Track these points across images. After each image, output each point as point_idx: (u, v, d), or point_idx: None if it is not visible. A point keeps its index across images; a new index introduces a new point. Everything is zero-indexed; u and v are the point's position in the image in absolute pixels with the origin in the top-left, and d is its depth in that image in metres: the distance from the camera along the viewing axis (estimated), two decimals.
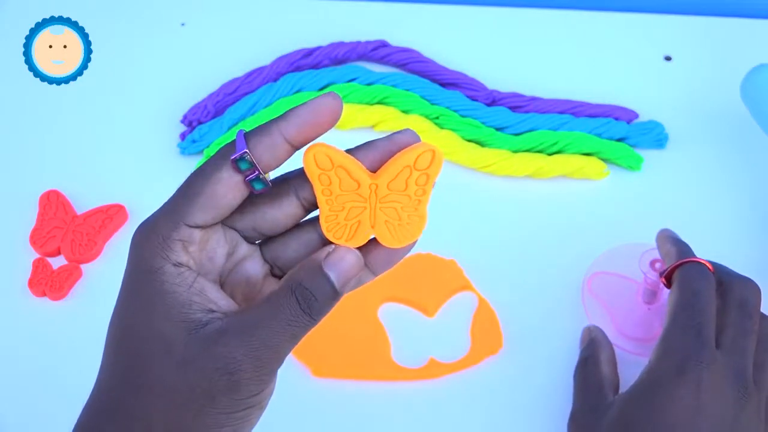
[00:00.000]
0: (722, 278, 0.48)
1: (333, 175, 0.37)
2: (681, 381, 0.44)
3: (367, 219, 0.38)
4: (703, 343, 0.45)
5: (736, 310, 0.47)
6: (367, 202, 0.38)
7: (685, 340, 0.45)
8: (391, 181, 0.37)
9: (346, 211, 0.38)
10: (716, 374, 0.44)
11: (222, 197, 0.37)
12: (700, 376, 0.43)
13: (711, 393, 0.43)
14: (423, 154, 0.37)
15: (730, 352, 0.45)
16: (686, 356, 0.44)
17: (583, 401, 0.49)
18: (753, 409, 0.44)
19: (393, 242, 0.38)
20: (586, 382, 0.50)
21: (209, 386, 0.36)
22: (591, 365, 0.50)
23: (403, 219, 0.38)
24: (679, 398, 0.43)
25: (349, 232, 0.38)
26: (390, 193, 0.37)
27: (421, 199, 0.38)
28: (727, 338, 0.46)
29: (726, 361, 0.45)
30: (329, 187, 0.37)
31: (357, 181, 0.37)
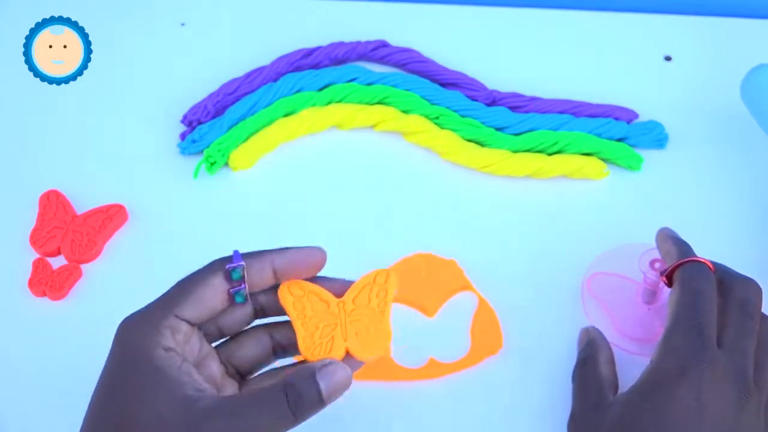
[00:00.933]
0: (723, 278, 0.48)
1: (305, 301, 0.44)
2: (682, 381, 0.44)
3: (339, 334, 0.44)
4: (705, 343, 0.45)
5: (737, 310, 0.47)
6: (337, 318, 0.44)
7: (687, 340, 0.45)
8: (355, 297, 0.45)
9: (320, 330, 0.44)
10: (717, 374, 0.44)
11: (209, 300, 0.43)
12: (701, 376, 0.43)
13: (712, 393, 0.43)
14: (379, 273, 0.45)
15: (731, 352, 0.45)
16: (687, 356, 0.44)
17: (583, 402, 0.49)
18: (753, 410, 0.44)
19: (364, 353, 0.44)
20: (586, 382, 0.50)
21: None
22: (590, 366, 0.50)
23: (371, 330, 0.44)
24: (680, 398, 0.43)
25: (325, 349, 0.43)
26: (356, 308, 0.44)
27: (383, 311, 0.44)
28: (728, 338, 0.46)
29: (727, 361, 0.44)
30: (303, 312, 0.44)
31: (326, 301, 0.44)
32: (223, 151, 0.62)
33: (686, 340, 0.45)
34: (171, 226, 0.60)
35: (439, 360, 0.53)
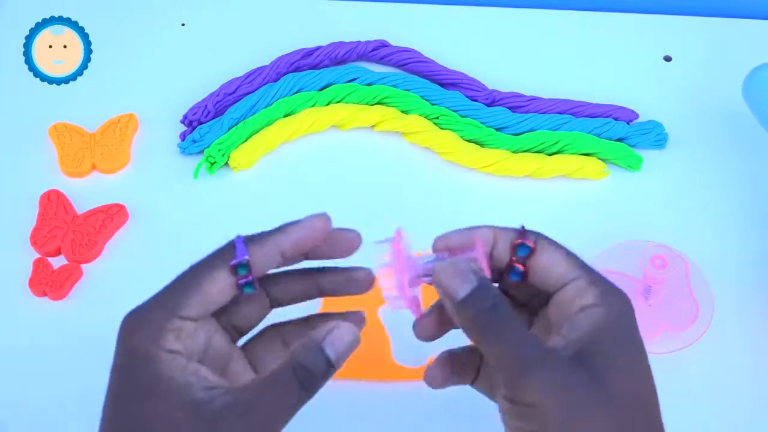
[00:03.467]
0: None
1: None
2: (631, 312, 0.41)
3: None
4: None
5: None
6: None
7: (596, 272, 0.42)
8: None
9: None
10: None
11: (215, 295, 0.41)
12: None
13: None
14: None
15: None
16: (615, 287, 0.41)
17: (516, 356, 0.38)
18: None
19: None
20: (511, 331, 0.39)
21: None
22: (504, 310, 0.39)
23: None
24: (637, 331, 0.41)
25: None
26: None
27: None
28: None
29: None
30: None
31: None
32: (224, 151, 0.62)
33: (598, 273, 0.42)
34: (171, 226, 0.61)
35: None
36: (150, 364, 0.39)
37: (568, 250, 0.43)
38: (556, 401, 0.37)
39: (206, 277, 0.41)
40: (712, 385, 0.53)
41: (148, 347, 0.39)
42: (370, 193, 0.62)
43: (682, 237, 0.58)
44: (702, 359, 0.53)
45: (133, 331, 0.40)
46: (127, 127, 0.65)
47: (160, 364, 0.39)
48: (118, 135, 0.64)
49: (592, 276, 0.41)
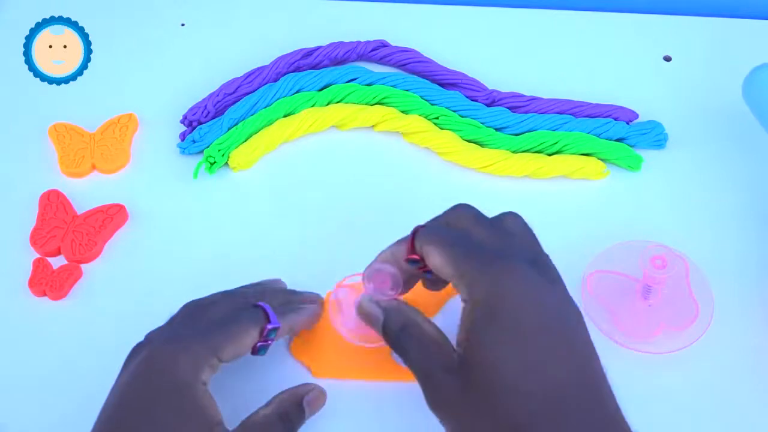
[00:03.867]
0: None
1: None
2: (501, 285, 0.43)
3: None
4: (483, 251, 0.45)
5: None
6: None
7: (473, 260, 0.45)
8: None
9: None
10: (514, 265, 0.44)
11: (244, 348, 0.48)
12: (510, 275, 0.44)
13: (524, 281, 0.44)
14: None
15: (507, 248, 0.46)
16: (484, 269, 0.44)
17: (430, 368, 0.45)
18: (568, 296, 0.46)
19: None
20: (422, 349, 0.46)
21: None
22: (414, 328, 0.46)
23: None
24: (511, 300, 0.43)
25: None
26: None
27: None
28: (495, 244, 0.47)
29: (508, 255, 0.45)
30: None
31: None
32: (223, 151, 0.62)
33: (473, 261, 0.44)
34: (171, 226, 0.60)
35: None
36: (187, 391, 0.45)
37: (445, 247, 0.46)
38: (446, 415, 0.44)
39: (245, 332, 0.48)
40: (712, 385, 0.53)
41: (188, 376, 0.45)
42: (370, 193, 0.62)
43: (682, 237, 0.58)
44: (702, 359, 0.53)
45: (176, 358, 0.45)
46: (126, 127, 0.65)
47: (196, 392, 0.45)
48: (118, 135, 0.64)
49: (460, 270, 0.45)
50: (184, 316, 0.50)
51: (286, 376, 0.52)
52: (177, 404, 0.44)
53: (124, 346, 0.49)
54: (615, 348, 0.53)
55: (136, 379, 0.46)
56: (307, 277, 0.56)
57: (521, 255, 0.45)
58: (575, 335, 0.44)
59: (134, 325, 0.51)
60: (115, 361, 0.48)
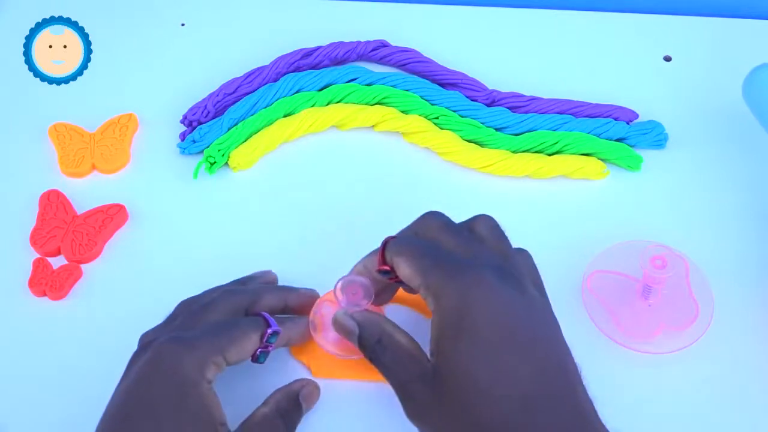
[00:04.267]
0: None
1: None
2: (471, 296, 0.44)
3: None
4: (454, 261, 0.46)
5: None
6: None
7: (442, 270, 0.45)
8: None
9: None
10: (484, 274, 0.45)
11: (245, 352, 0.49)
12: (478, 284, 0.44)
13: (491, 288, 0.44)
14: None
15: (477, 258, 0.46)
16: (454, 278, 0.45)
17: (402, 380, 0.46)
18: (535, 297, 0.46)
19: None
20: (394, 358, 0.47)
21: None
22: (387, 341, 0.47)
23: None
24: (481, 310, 0.44)
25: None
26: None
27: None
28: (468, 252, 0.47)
29: (481, 263, 0.46)
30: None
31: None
32: (223, 151, 0.62)
33: (440, 272, 0.45)
34: (171, 226, 0.60)
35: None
36: (192, 389, 0.45)
37: (414, 258, 0.47)
38: (423, 424, 0.45)
39: (246, 335, 0.49)
40: (712, 385, 0.53)
41: (194, 374, 0.46)
42: (370, 193, 0.62)
43: (682, 237, 0.58)
44: (702, 359, 0.53)
45: (182, 356, 0.46)
46: (126, 127, 0.65)
47: (201, 390, 0.45)
48: (118, 135, 0.64)
49: (427, 281, 0.46)
50: (184, 316, 0.50)
51: (286, 376, 0.52)
52: (182, 403, 0.45)
53: (124, 346, 0.49)
54: (615, 348, 0.53)
55: (142, 378, 0.46)
56: (306, 277, 0.56)
57: (489, 263, 0.46)
58: (544, 339, 0.45)
59: (134, 325, 0.51)
60: (115, 361, 0.48)
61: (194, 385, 0.45)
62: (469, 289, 0.44)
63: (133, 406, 0.45)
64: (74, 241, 0.59)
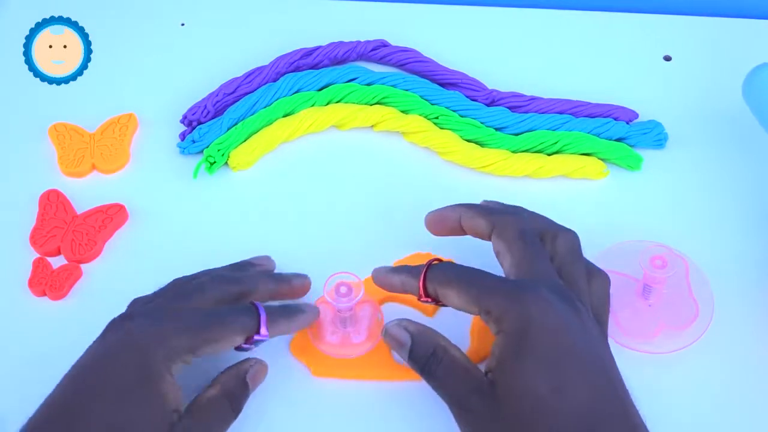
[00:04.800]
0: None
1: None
2: (531, 312, 0.45)
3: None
4: (511, 284, 0.47)
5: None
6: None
7: (494, 296, 0.46)
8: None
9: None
10: (548, 300, 0.45)
11: (222, 351, 0.49)
12: (542, 307, 0.45)
13: (555, 313, 0.45)
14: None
15: (535, 280, 0.47)
16: (516, 299, 0.45)
17: (459, 393, 0.46)
18: (587, 315, 0.47)
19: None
20: (451, 373, 0.47)
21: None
22: (442, 355, 0.48)
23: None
24: (540, 331, 0.44)
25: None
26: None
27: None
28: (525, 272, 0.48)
29: (545, 287, 0.46)
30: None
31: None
32: (223, 151, 0.62)
33: (496, 297, 0.46)
34: (171, 225, 0.61)
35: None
36: (154, 380, 0.45)
37: (462, 287, 0.47)
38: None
39: (228, 337, 0.48)
40: (712, 385, 0.53)
41: (160, 366, 0.46)
42: (370, 193, 0.62)
43: (682, 237, 0.58)
44: (702, 359, 0.53)
45: (152, 344, 0.46)
46: (126, 127, 0.65)
47: (162, 383, 0.46)
48: (117, 135, 0.64)
49: (485, 307, 0.46)
50: (172, 295, 0.51)
51: (285, 376, 0.53)
52: (138, 390, 0.45)
53: None
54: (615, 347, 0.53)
55: (108, 352, 0.47)
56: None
57: (546, 282, 0.47)
58: (599, 354, 0.46)
59: None
60: None
61: (158, 376, 0.46)
62: (529, 309, 0.45)
63: (90, 381, 0.46)
64: (74, 241, 0.59)
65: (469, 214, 0.52)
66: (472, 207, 0.53)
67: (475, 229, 0.52)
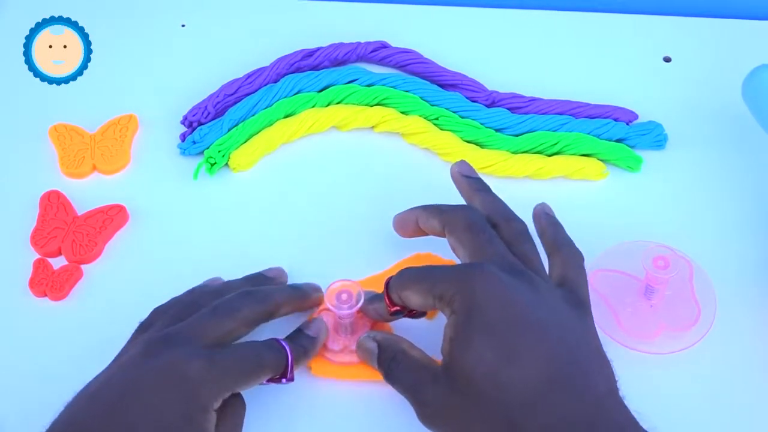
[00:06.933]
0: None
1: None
2: (476, 287, 0.45)
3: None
4: (460, 267, 0.48)
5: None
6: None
7: (444, 281, 0.47)
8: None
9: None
10: (494, 273, 0.46)
11: (251, 387, 0.48)
12: (487, 282, 0.46)
13: (501, 285, 0.46)
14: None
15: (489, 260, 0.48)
16: (462, 279, 0.46)
17: (418, 387, 0.47)
18: (547, 288, 0.48)
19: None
20: (409, 371, 0.48)
21: None
22: (401, 357, 0.49)
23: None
24: (489, 304, 0.45)
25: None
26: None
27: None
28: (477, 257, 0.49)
29: (491, 264, 0.47)
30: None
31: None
32: (224, 152, 0.62)
33: (445, 282, 0.47)
34: (172, 226, 0.61)
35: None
36: (201, 415, 0.45)
37: (417, 283, 0.48)
38: (438, 425, 0.46)
39: (260, 376, 0.49)
40: (712, 386, 0.53)
41: (207, 404, 0.46)
42: (370, 193, 0.62)
43: (682, 238, 0.58)
44: (703, 360, 0.53)
45: (202, 385, 0.46)
46: (127, 128, 0.65)
47: (208, 420, 0.46)
48: (118, 136, 0.64)
49: (438, 294, 0.47)
50: (207, 316, 0.49)
51: None
52: (185, 426, 0.45)
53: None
54: (618, 348, 0.53)
55: (150, 380, 0.46)
56: (307, 278, 0.56)
57: (496, 261, 0.48)
58: (559, 324, 0.46)
59: (134, 325, 0.51)
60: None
61: (203, 414, 0.45)
62: (475, 287, 0.46)
63: (129, 407, 0.45)
64: (75, 242, 0.59)
65: (424, 215, 0.53)
66: (427, 208, 0.54)
67: (431, 229, 0.53)
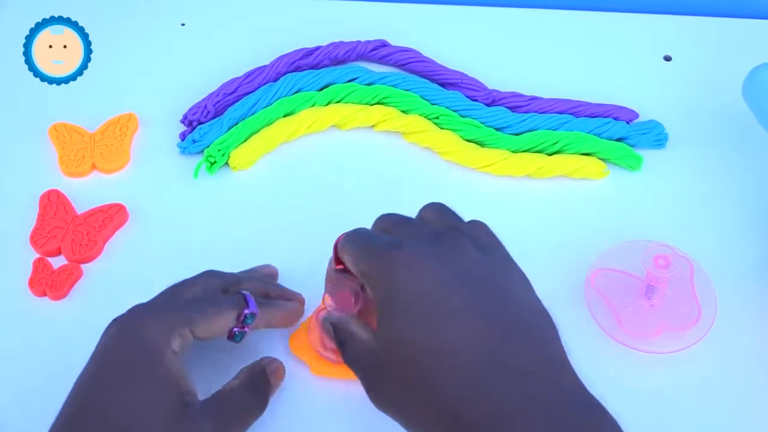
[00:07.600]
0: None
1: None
2: (394, 266, 0.44)
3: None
4: (377, 242, 0.46)
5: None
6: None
7: (371, 257, 0.45)
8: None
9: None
10: (413, 248, 0.44)
11: (218, 330, 0.49)
12: (401, 254, 0.44)
13: (426, 264, 0.44)
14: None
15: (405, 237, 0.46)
16: (380, 254, 0.45)
17: (354, 355, 0.47)
18: (471, 247, 0.45)
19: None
20: (350, 343, 0.48)
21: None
22: (350, 341, 0.48)
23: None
24: (404, 274, 0.44)
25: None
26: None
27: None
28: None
29: (408, 241, 0.45)
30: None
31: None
32: (224, 151, 0.62)
33: (372, 259, 0.45)
34: (171, 225, 0.61)
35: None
36: (156, 356, 0.45)
37: (353, 249, 0.47)
38: (387, 409, 0.46)
39: (221, 313, 0.49)
40: (713, 386, 0.53)
41: (158, 341, 0.46)
42: (370, 193, 0.62)
43: (682, 237, 0.58)
44: (704, 360, 0.53)
45: (147, 323, 0.47)
46: (127, 127, 0.65)
47: (165, 359, 0.46)
48: (118, 135, 0.64)
49: (362, 268, 0.46)
50: (165, 293, 0.51)
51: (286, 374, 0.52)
52: (146, 367, 0.45)
53: None
54: (619, 349, 0.53)
55: (109, 344, 0.47)
56: (306, 277, 0.56)
57: (419, 237, 0.46)
58: (482, 294, 0.44)
59: None
60: None
61: (159, 351, 0.46)
62: (394, 267, 0.44)
63: (101, 373, 0.46)
64: (74, 241, 0.59)
65: (334, 280, 0.50)
66: (329, 277, 0.50)
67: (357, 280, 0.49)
